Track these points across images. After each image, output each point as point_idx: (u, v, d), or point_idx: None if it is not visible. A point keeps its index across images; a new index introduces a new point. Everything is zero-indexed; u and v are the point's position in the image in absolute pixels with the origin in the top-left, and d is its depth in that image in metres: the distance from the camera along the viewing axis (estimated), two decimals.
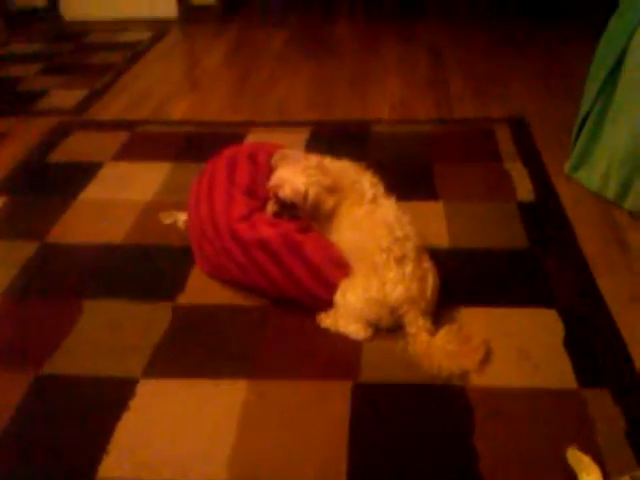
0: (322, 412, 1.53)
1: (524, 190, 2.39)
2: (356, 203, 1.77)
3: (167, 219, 2.23)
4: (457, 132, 2.86)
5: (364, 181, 1.81)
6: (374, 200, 1.78)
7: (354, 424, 1.49)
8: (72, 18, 4.65)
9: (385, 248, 1.68)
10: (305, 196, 1.76)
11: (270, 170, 1.89)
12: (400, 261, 1.68)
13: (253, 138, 2.79)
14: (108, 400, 1.58)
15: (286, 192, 1.78)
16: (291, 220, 1.80)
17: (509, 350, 1.68)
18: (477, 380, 1.59)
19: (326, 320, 1.77)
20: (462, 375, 1.60)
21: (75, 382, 1.64)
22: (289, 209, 1.80)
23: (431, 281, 1.72)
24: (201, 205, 1.89)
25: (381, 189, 1.82)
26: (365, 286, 1.69)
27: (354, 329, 1.73)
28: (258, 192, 1.90)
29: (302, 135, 2.83)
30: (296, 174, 1.78)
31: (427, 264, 1.74)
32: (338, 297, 1.74)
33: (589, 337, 1.72)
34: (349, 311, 1.71)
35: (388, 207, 1.79)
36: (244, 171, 1.95)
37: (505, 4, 4.47)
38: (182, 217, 2.18)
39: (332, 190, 1.77)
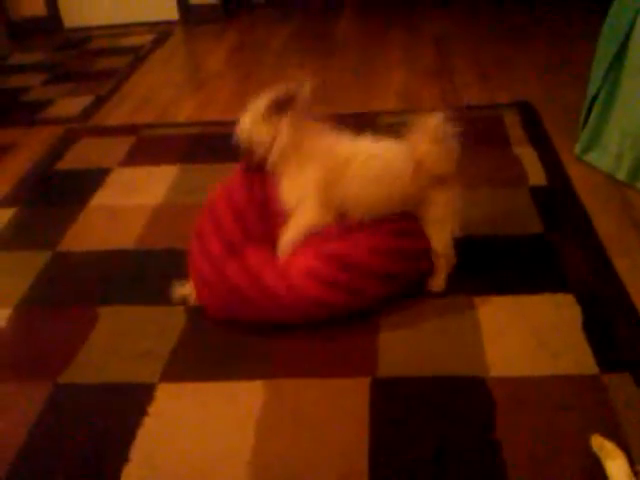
0: (341, 410, 1.52)
1: (535, 174, 2.36)
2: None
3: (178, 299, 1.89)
4: (465, 119, 2.81)
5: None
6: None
7: (374, 421, 1.48)
8: (73, 25, 4.66)
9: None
10: (246, 130, 1.69)
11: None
12: None
13: None
14: (127, 406, 1.58)
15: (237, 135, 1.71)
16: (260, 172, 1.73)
17: (527, 338, 1.66)
18: (497, 370, 1.58)
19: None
20: (482, 367, 1.58)
21: (93, 390, 1.64)
22: (250, 156, 1.72)
23: None
24: (227, 270, 1.74)
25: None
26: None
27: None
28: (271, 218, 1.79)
29: None
30: (244, 118, 1.71)
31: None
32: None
33: (608, 321, 1.69)
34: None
35: None
36: (251, 215, 1.80)
37: None
38: (187, 290, 1.88)
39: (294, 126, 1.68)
